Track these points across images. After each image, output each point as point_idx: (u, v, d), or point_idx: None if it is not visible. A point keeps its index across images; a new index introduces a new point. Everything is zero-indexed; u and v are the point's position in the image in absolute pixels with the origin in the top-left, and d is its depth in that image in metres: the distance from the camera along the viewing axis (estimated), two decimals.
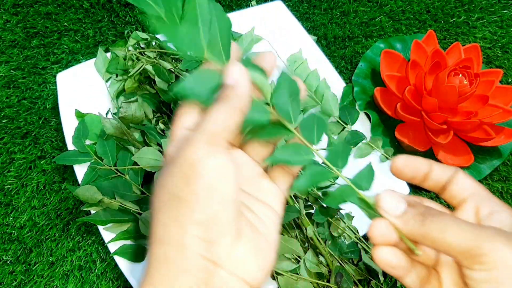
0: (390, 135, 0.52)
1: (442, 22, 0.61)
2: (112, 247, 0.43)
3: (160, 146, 0.45)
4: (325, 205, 0.44)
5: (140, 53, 0.49)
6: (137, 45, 0.50)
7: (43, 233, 0.48)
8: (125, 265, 0.43)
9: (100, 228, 0.43)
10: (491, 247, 0.21)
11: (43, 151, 0.51)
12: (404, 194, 0.26)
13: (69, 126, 0.47)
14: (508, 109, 0.48)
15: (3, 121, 0.53)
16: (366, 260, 0.43)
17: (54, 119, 0.53)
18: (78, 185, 0.45)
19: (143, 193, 0.44)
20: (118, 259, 0.42)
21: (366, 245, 0.45)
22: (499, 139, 0.49)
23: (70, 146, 0.47)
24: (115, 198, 0.43)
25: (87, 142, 0.46)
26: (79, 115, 0.48)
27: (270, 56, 0.28)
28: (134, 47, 0.50)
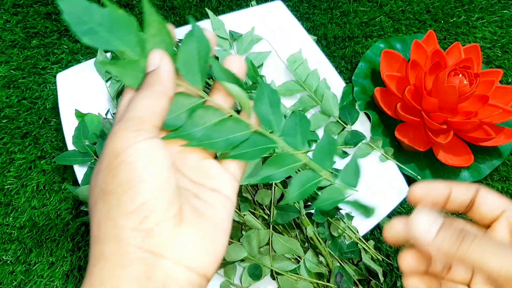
0: (390, 135, 0.52)
1: (442, 22, 0.61)
2: None
3: None
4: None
5: None
6: None
7: (43, 233, 0.48)
8: None
9: None
10: None
11: (43, 151, 0.51)
12: (436, 212, 0.24)
13: (69, 126, 0.47)
14: (508, 109, 0.48)
15: (3, 121, 0.53)
16: (366, 260, 0.43)
17: (54, 119, 0.53)
18: (78, 185, 0.45)
19: None
20: None
21: (366, 245, 0.45)
22: (499, 139, 0.49)
23: (70, 146, 0.47)
24: None
25: (87, 142, 0.46)
26: (79, 115, 0.48)
27: (239, 59, 0.28)
28: None
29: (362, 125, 0.52)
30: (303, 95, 0.52)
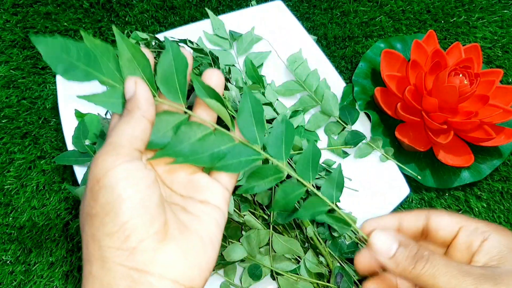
0: (390, 135, 0.52)
1: (443, 22, 0.61)
2: None
3: None
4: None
5: None
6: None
7: (43, 233, 0.48)
8: None
9: None
10: None
11: (43, 151, 0.51)
12: (396, 233, 0.26)
13: (69, 126, 0.47)
14: (509, 109, 0.48)
15: (3, 121, 0.52)
16: None
17: (54, 119, 0.53)
18: (78, 185, 0.45)
19: None
20: None
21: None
22: (500, 139, 0.49)
23: (70, 146, 0.46)
24: None
25: (87, 142, 0.46)
26: (79, 115, 0.48)
27: (217, 73, 0.28)
28: None
29: (362, 125, 0.52)
30: (303, 95, 0.52)
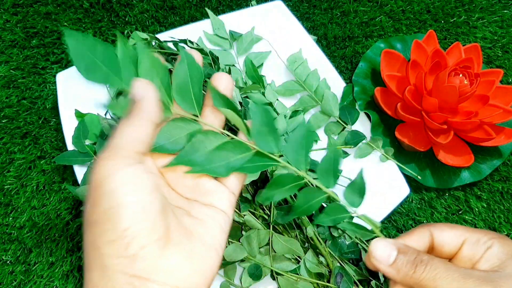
0: (390, 135, 0.52)
1: (443, 22, 0.61)
2: None
3: None
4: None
5: None
6: None
7: (43, 233, 0.48)
8: None
9: None
10: None
11: (43, 151, 0.51)
12: (396, 240, 0.26)
13: (69, 126, 0.47)
14: (509, 109, 0.48)
15: (3, 121, 0.52)
16: None
17: (54, 119, 0.53)
18: (78, 185, 0.45)
19: None
20: None
21: (366, 245, 0.45)
22: (500, 139, 0.49)
23: (70, 146, 0.46)
24: None
25: (87, 142, 0.46)
26: (79, 115, 0.48)
27: (226, 77, 0.28)
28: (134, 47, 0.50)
29: (362, 125, 0.52)
30: (303, 95, 0.52)
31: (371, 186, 0.48)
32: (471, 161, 0.49)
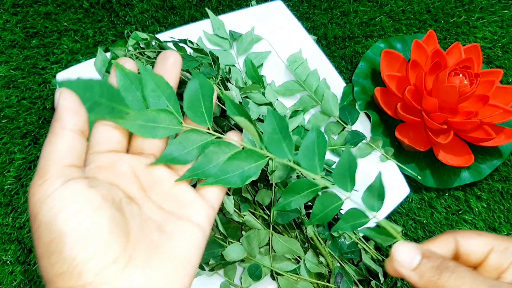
0: (390, 135, 0.52)
1: (443, 22, 0.61)
2: None
3: None
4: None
5: (140, 53, 0.49)
6: (137, 45, 0.50)
7: None
8: None
9: None
10: None
11: None
12: (419, 245, 0.25)
13: None
14: (509, 109, 0.48)
15: (3, 121, 0.52)
16: (366, 261, 0.43)
17: None
18: None
19: None
20: None
21: (367, 246, 0.45)
22: (500, 139, 0.49)
23: None
24: None
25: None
26: None
27: (171, 53, 0.28)
28: (134, 47, 0.50)
29: (362, 125, 0.52)
30: (303, 95, 0.52)
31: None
32: (471, 161, 0.49)
